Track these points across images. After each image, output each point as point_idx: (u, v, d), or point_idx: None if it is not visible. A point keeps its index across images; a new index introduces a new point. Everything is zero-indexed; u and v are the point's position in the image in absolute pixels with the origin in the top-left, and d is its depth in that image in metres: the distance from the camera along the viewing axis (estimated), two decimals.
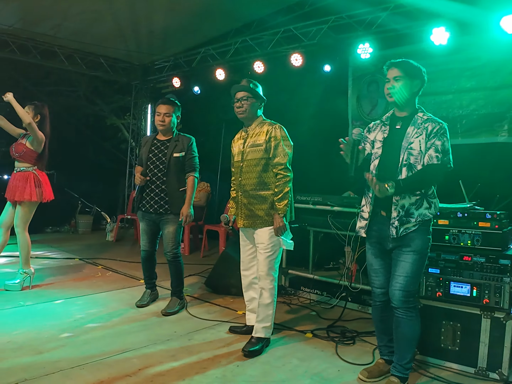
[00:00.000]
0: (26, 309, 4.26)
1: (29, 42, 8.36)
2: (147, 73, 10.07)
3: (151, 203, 4.28)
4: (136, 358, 3.25)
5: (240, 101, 3.58)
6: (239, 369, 3.18)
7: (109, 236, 8.25)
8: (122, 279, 5.53)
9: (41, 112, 4.85)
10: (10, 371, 2.98)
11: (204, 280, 5.32)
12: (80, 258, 6.52)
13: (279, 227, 3.45)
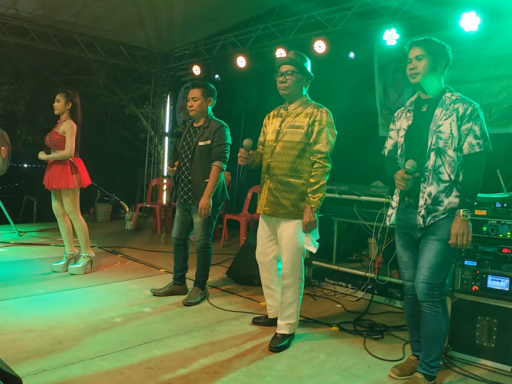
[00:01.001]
0: (45, 297, 4.18)
1: (49, 30, 8.30)
2: (167, 61, 9.96)
3: (182, 193, 4.16)
4: (158, 349, 3.14)
5: (284, 76, 3.27)
6: (265, 363, 3.06)
7: (128, 225, 8.18)
8: (142, 268, 5.43)
9: (72, 100, 4.86)
10: (28, 360, 2.89)
11: (225, 270, 5.21)
12: (99, 246, 6.44)
13: (309, 222, 3.20)
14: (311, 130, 3.22)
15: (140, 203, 8.41)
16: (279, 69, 3.34)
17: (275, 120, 3.44)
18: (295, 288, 3.35)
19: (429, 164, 2.67)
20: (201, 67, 8.88)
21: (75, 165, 4.85)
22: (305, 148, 3.25)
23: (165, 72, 10.09)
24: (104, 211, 8.87)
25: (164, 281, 4.70)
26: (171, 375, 2.80)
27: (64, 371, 2.78)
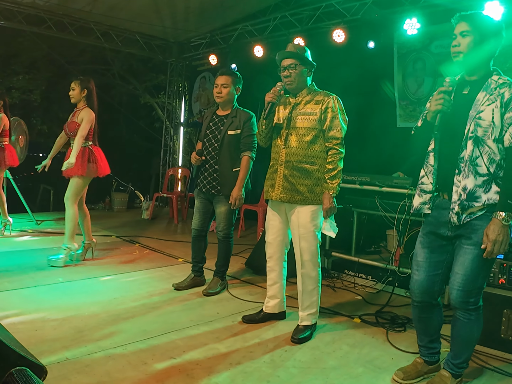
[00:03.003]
0: (65, 286, 4.19)
1: (64, 19, 8.27)
2: (183, 50, 9.89)
3: (204, 182, 4.09)
4: (180, 340, 3.12)
5: (288, 69, 3.24)
6: (288, 354, 3.03)
7: (144, 214, 8.18)
8: (160, 257, 5.42)
9: (87, 86, 4.78)
10: (51, 349, 2.89)
11: (243, 260, 5.19)
12: (117, 235, 6.45)
13: (330, 208, 3.16)
14: (324, 117, 3.20)
15: (157, 193, 8.40)
16: (281, 64, 3.31)
17: (282, 108, 3.39)
18: (314, 276, 3.31)
19: (465, 154, 2.41)
20: (217, 56, 8.82)
21: (94, 153, 4.80)
22: (318, 134, 3.22)
23: (180, 61, 10.04)
24: (120, 200, 8.88)
25: (183, 271, 4.69)
26: (194, 366, 2.78)
27: (87, 361, 2.77)
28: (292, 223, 3.31)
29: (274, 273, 3.50)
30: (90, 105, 4.77)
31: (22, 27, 8.11)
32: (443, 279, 2.64)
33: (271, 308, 3.54)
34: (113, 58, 11.83)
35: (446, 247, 2.59)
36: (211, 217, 4.23)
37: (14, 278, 4.28)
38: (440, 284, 2.65)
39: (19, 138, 6.97)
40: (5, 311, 3.36)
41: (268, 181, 3.40)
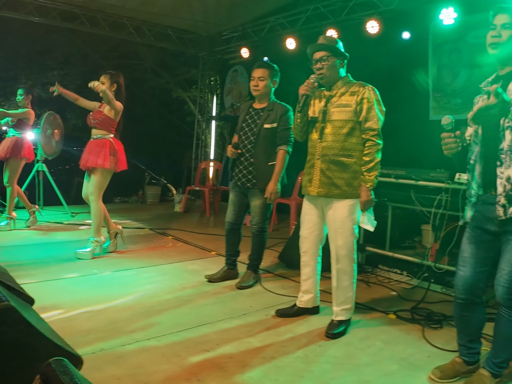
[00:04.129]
0: (99, 278, 4.24)
1: (98, 14, 8.36)
2: (214, 44, 9.88)
3: (239, 175, 4.06)
4: (213, 333, 3.12)
5: (320, 62, 3.18)
6: (321, 349, 2.99)
7: (177, 207, 8.23)
8: (193, 250, 5.44)
9: (117, 81, 4.81)
10: (85, 339, 2.92)
11: (275, 254, 5.16)
12: (150, 228, 6.51)
13: (367, 201, 3.11)
14: (360, 108, 3.13)
15: (189, 186, 8.43)
16: (312, 57, 3.25)
17: (317, 101, 3.33)
18: (350, 271, 3.25)
19: (504, 144, 2.35)
20: (249, 49, 8.78)
21: (114, 147, 4.78)
22: (354, 126, 3.16)
23: (212, 55, 10.04)
24: (153, 193, 8.96)
25: (216, 263, 4.70)
26: (227, 359, 2.77)
27: (120, 352, 2.79)
28: (329, 218, 3.26)
29: (308, 268, 3.46)
30: (118, 99, 4.76)
31: (57, 23, 8.24)
32: (488, 276, 2.57)
33: (305, 303, 3.51)
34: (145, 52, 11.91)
35: (493, 243, 2.51)
36: (245, 211, 4.20)
37: (50, 269, 4.36)
38: (485, 282, 2.57)
39: (54, 132, 7.08)
40: (41, 302, 3.39)
41: (306, 176, 3.36)
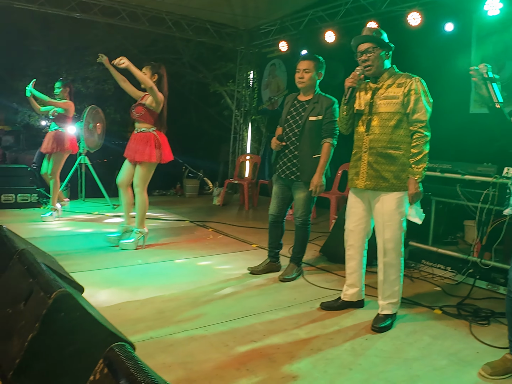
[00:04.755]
0: (144, 268, 4.33)
1: (137, 9, 8.47)
2: (253, 38, 9.88)
3: (283, 168, 4.05)
4: (259, 324, 3.15)
5: (365, 54, 3.15)
6: (368, 342, 2.98)
7: (215, 200, 8.29)
8: (234, 242, 5.48)
9: (158, 71, 4.83)
10: (135, 328, 2.98)
11: (316, 247, 5.15)
12: (190, 220, 6.58)
13: (415, 194, 3.07)
14: (408, 99, 3.09)
15: (228, 179, 8.48)
16: (357, 49, 3.22)
17: (363, 93, 3.30)
18: (397, 265, 3.23)
19: None
20: (288, 43, 8.75)
21: (158, 139, 4.83)
22: (402, 118, 3.12)
23: (250, 49, 10.04)
24: (192, 186, 9.05)
25: (257, 256, 4.73)
26: (275, 350, 2.79)
27: (170, 340, 2.84)
28: (376, 211, 3.23)
29: (354, 261, 3.44)
30: (160, 90, 4.76)
31: (97, 18, 8.40)
32: None
33: (350, 296, 3.49)
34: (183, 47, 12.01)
35: None
36: (288, 203, 4.20)
37: (96, 259, 4.47)
38: None
39: (96, 126, 7.22)
40: (90, 290, 3.45)
41: (352, 169, 3.33)
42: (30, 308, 2.30)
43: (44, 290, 2.21)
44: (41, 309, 2.15)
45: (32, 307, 2.28)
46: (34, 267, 2.55)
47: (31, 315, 2.22)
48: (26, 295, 2.42)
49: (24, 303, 2.39)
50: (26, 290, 2.45)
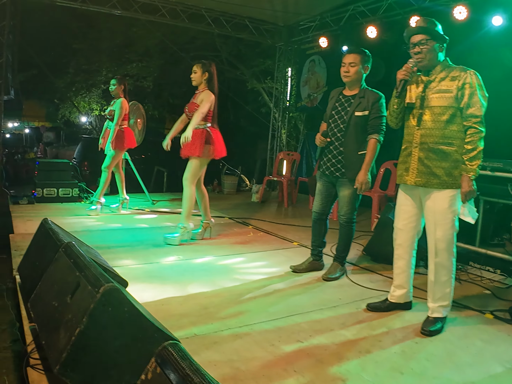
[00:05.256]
0: (185, 263, 4.31)
1: (178, 6, 8.50)
2: (292, 34, 9.78)
3: (328, 164, 3.96)
4: (305, 323, 3.07)
5: (418, 46, 3.03)
6: (419, 346, 2.86)
7: (254, 197, 8.23)
8: (275, 240, 5.41)
9: (208, 69, 4.86)
10: (179, 324, 2.95)
11: (358, 246, 5.04)
12: (229, 217, 6.54)
13: (469, 192, 2.93)
14: (462, 93, 2.96)
15: (267, 176, 8.43)
16: (409, 41, 3.10)
17: (414, 86, 3.17)
18: (449, 266, 3.09)
19: None
20: (328, 39, 8.63)
21: (211, 135, 4.85)
22: (455, 113, 2.99)
23: (289, 45, 9.95)
24: (230, 183, 9.02)
25: (299, 254, 4.65)
26: (322, 351, 2.71)
27: (214, 337, 2.80)
28: (427, 209, 3.11)
29: (402, 261, 3.31)
30: (210, 88, 4.84)
31: (138, 16, 8.46)
32: None
33: (397, 297, 3.37)
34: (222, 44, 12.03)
35: None
36: (333, 201, 4.10)
37: (138, 254, 4.47)
38: None
39: (137, 121, 7.27)
40: (133, 285, 3.44)
41: (402, 164, 3.21)
42: (77, 301, 2.29)
43: (92, 284, 2.19)
44: (88, 303, 2.13)
45: (79, 300, 2.27)
46: (81, 260, 2.54)
47: (78, 309, 2.21)
48: (73, 288, 2.41)
49: (71, 296, 2.38)
50: (73, 283, 2.44)
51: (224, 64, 12.51)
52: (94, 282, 2.18)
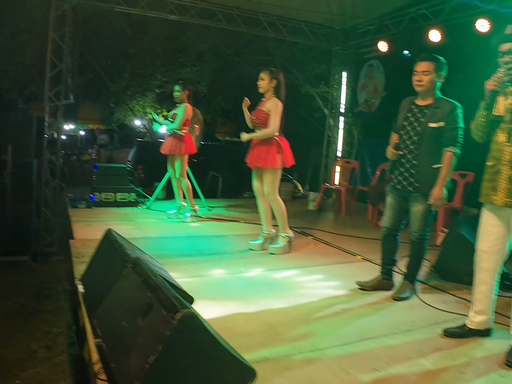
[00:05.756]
0: (248, 277, 4.22)
1: (234, 11, 8.44)
2: (348, 38, 9.55)
3: (399, 178, 3.76)
4: (379, 349, 2.89)
5: (508, 55, 2.81)
6: (505, 380, 2.64)
7: (311, 205, 8.06)
8: (336, 252, 5.23)
9: (276, 77, 4.83)
10: (246, 345, 2.82)
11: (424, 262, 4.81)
12: None
13: None
14: None
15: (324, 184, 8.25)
16: (499, 49, 2.87)
17: (501, 98, 2.93)
18: None
19: None
20: (387, 43, 8.38)
21: (280, 144, 4.82)
22: None
23: (346, 49, 9.73)
24: (286, 190, 8.85)
25: (363, 269, 4.49)
26: (402, 381, 2.54)
27: (286, 362, 2.67)
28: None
29: (485, 286, 3.08)
30: (278, 96, 4.77)
31: (194, 20, 8.45)
32: None
33: (477, 324, 3.14)
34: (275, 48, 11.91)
35: None
36: (404, 216, 3.88)
37: (200, 265, 4.41)
38: None
39: (194, 127, 7.26)
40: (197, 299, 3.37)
41: (488, 182, 2.99)
42: (149, 325, 2.20)
43: (167, 309, 2.09)
44: (163, 329, 2.03)
45: (152, 324, 2.18)
46: (152, 280, 2.45)
47: (151, 334, 2.12)
48: (144, 310, 2.32)
49: (142, 318, 2.30)
50: (144, 304, 2.35)
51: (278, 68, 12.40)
52: (169, 307, 2.09)
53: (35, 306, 4.40)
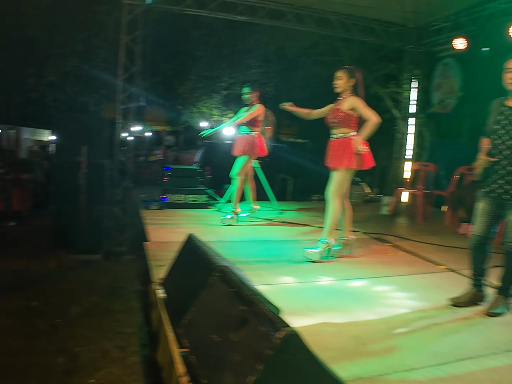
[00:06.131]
0: (328, 285, 4.11)
1: (303, 10, 8.33)
2: (422, 36, 9.21)
3: (493, 186, 3.53)
4: (480, 372, 2.69)
5: None
6: None
7: (384, 210, 7.82)
8: (417, 261, 5.00)
9: (354, 75, 4.71)
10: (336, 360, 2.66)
11: None
12: (364, 232, 6.21)
13: None
14: None
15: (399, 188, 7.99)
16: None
17: None
18: None
19: None
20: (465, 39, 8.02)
21: None
22: None
23: (419, 48, 9.39)
24: (358, 193, 8.69)
25: (449, 280, 4.26)
26: None
27: (381, 383, 2.53)
28: None
29: None
30: (357, 94, 4.68)
31: (263, 21, 8.41)
32: None
33: None
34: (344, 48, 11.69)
35: None
36: (496, 223, 3.64)
37: (276, 271, 4.34)
38: None
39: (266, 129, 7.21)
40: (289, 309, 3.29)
41: None
42: (246, 341, 2.11)
43: (266, 326, 2.01)
44: (263, 348, 1.94)
45: (249, 341, 2.09)
46: (245, 293, 2.37)
47: (249, 352, 2.03)
48: (237, 324, 2.24)
49: (235, 333, 2.24)
50: (237, 318, 2.28)
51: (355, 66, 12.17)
52: (268, 324, 2.01)
53: (107, 305, 4.49)
